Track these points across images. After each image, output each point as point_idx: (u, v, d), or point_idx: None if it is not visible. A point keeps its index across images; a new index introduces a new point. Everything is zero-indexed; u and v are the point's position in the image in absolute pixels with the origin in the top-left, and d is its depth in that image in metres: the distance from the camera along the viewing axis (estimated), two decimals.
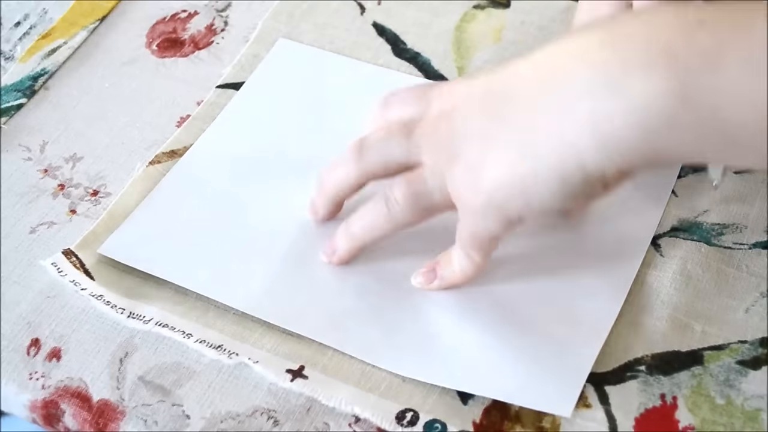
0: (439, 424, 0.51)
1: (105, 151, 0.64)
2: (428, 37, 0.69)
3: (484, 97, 0.49)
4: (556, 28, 0.69)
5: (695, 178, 0.59)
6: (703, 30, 0.42)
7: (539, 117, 0.46)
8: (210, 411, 0.52)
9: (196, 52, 0.69)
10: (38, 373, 0.54)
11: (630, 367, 0.52)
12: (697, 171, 0.59)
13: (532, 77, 0.47)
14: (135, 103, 0.67)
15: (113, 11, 0.72)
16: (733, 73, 0.41)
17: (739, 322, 0.54)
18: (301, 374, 0.53)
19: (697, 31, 0.42)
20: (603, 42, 0.44)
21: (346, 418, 0.51)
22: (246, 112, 0.65)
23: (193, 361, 0.54)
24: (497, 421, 0.51)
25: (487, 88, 0.49)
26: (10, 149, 0.64)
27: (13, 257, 0.59)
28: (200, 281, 0.56)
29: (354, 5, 0.71)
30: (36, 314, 0.56)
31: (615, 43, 0.44)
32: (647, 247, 0.57)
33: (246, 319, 0.55)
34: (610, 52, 0.44)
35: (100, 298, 0.56)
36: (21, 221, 0.60)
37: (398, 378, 0.53)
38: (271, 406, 0.52)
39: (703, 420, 0.50)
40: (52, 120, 0.66)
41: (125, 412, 0.52)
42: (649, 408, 0.51)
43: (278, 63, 0.68)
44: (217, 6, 0.72)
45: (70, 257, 0.58)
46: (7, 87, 0.67)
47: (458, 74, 0.67)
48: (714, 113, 0.41)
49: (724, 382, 0.52)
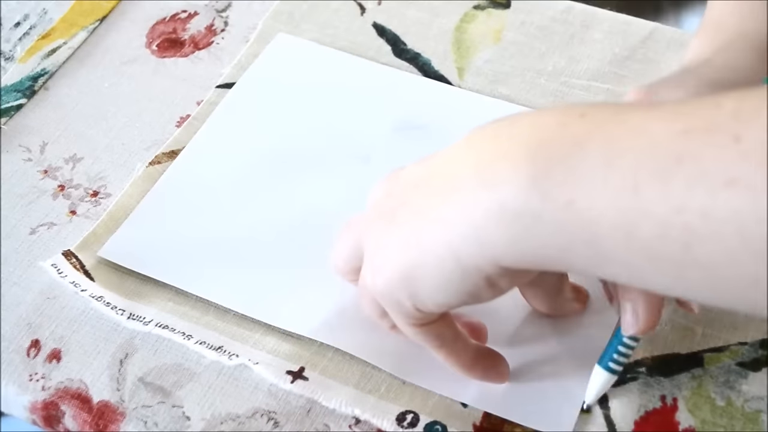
0: (439, 426, 0.51)
1: (105, 152, 0.64)
2: (428, 37, 0.69)
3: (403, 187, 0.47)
4: (556, 28, 0.69)
5: None
6: (580, 121, 0.40)
7: (425, 211, 0.44)
8: (210, 412, 0.52)
9: (196, 52, 0.69)
10: (38, 375, 0.54)
11: (630, 369, 0.52)
12: None
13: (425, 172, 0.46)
14: (135, 103, 0.67)
15: (113, 11, 0.72)
16: (592, 161, 0.38)
17: (739, 323, 0.54)
18: (302, 376, 0.53)
19: (574, 122, 0.40)
20: (485, 135, 0.43)
21: (347, 420, 0.51)
22: (242, 107, 0.65)
23: (193, 363, 0.54)
24: (497, 424, 0.51)
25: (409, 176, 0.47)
26: (10, 150, 0.64)
27: (13, 258, 0.59)
28: (200, 283, 0.56)
29: (354, 5, 0.71)
30: (36, 315, 0.56)
31: (497, 135, 0.42)
32: None
33: (246, 320, 0.55)
34: (490, 144, 0.42)
35: (100, 299, 0.56)
36: (21, 222, 0.60)
37: (398, 380, 0.53)
38: (272, 407, 0.52)
39: (704, 421, 0.51)
40: (51, 120, 0.66)
41: (125, 414, 0.52)
42: (649, 410, 0.51)
43: (276, 58, 0.68)
44: (217, 6, 0.72)
45: (70, 258, 0.58)
46: (7, 87, 0.67)
47: (458, 74, 0.67)
48: (570, 206, 0.38)
49: (725, 383, 0.52)
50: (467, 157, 0.43)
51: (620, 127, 0.38)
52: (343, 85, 0.66)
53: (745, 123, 0.35)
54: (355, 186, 0.60)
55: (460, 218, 0.42)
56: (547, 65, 0.67)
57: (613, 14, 0.69)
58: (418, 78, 0.67)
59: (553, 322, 0.54)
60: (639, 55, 0.67)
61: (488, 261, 0.42)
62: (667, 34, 0.68)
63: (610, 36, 0.68)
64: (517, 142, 0.41)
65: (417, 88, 0.66)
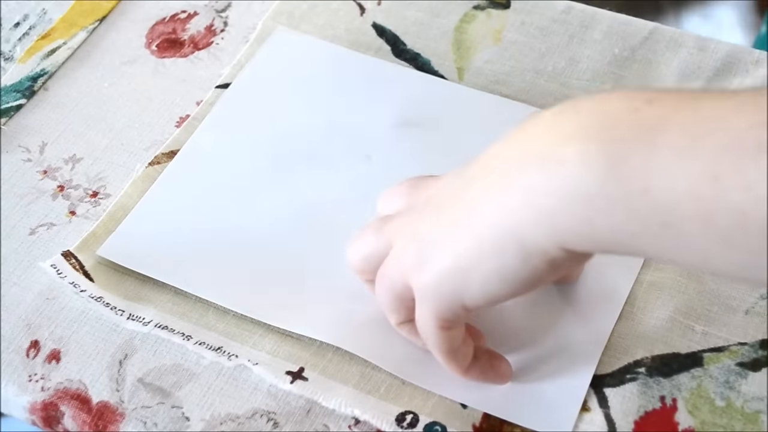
0: (439, 427, 0.51)
1: (104, 152, 0.64)
2: (428, 37, 0.69)
3: (448, 186, 0.47)
4: (556, 29, 0.69)
5: None
6: (650, 107, 0.40)
7: (483, 197, 0.44)
8: (210, 413, 0.52)
9: (196, 53, 0.69)
10: (38, 375, 0.54)
11: (630, 369, 0.52)
12: None
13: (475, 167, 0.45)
14: (134, 103, 0.67)
15: (113, 12, 0.72)
16: (669, 148, 0.38)
17: (739, 323, 0.54)
18: (301, 376, 0.53)
19: (644, 107, 0.40)
20: (543, 123, 0.43)
21: (346, 420, 0.51)
22: (240, 105, 0.65)
23: (192, 363, 0.54)
24: (497, 424, 0.51)
25: (454, 177, 0.47)
26: (10, 150, 0.64)
27: (12, 259, 0.59)
28: (199, 283, 0.56)
29: (354, 6, 0.71)
30: (35, 316, 0.56)
31: (558, 122, 0.42)
32: None
33: (245, 320, 0.55)
34: (552, 130, 0.42)
35: (100, 299, 0.56)
36: (20, 223, 0.60)
37: (398, 380, 0.53)
38: (271, 408, 0.52)
39: (703, 422, 0.51)
40: (51, 121, 0.66)
41: (125, 414, 0.52)
42: (648, 410, 0.51)
43: (275, 53, 0.68)
44: (217, 6, 0.72)
45: (70, 259, 0.58)
46: (7, 88, 0.67)
47: (458, 75, 0.67)
48: (645, 191, 0.39)
49: (724, 384, 0.52)
50: (527, 145, 0.43)
51: (696, 114, 0.38)
52: (342, 81, 0.66)
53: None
54: (355, 184, 0.60)
55: (526, 203, 0.42)
56: (547, 65, 0.67)
57: (613, 14, 0.69)
58: (418, 74, 0.66)
59: (552, 323, 0.54)
60: (639, 55, 0.67)
61: (556, 245, 0.42)
62: (667, 34, 0.68)
63: (610, 36, 0.68)
64: (585, 127, 0.41)
65: (418, 84, 0.66)
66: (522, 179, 0.42)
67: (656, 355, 0.53)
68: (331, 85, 0.66)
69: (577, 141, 0.40)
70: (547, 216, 0.41)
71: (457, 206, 0.45)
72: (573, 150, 0.40)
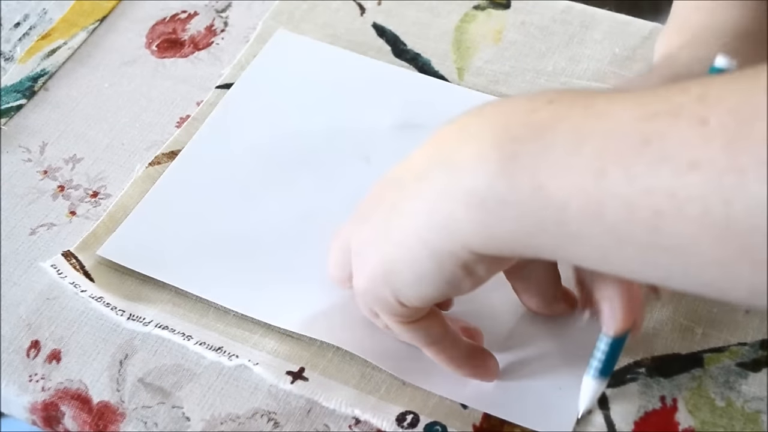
0: (439, 427, 0.51)
1: (105, 152, 0.64)
2: (428, 37, 0.69)
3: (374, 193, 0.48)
4: (556, 29, 0.69)
5: None
6: (548, 107, 0.40)
7: (397, 207, 0.44)
8: (210, 413, 0.52)
9: (196, 53, 0.69)
10: (38, 375, 0.54)
11: (630, 369, 0.52)
12: None
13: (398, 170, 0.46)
14: (135, 103, 0.67)
15: (113, 12, 0.72)
16: (558, 146, 0.38)
17: (739, 324, 0.54)
18: (302, 376, 0.53)
19: (542, 108, 0.40)
20: (453, 127, 0.43)
21: (347, 420, 0.51)
22: (242, 106, 0.65)
23: (193, 363, 0.54)
24: (497, 424, 0.51)
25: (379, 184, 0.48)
26: (10, 150, 0.64)
27: (12, 259, 0.59)
28: (199, 283, 0.56)
29: (354, 6, 0.71)
30: (36, 316, 0.56)
31: (464, 125, 0.42)
32: None
33: (246, 321, 0.55)
34: (457, 134, 0.42)
35: (100, 300, 0.56)
36: (21, 223, 0.60)
37: (398, 380, 0.53)
38: (272, 408, 0.52)
39: (703, 422, 0.51)
40: (51, 121, 0.66)
41: (125, 414, 0.52)
42: (649, 410, 0.51)
43: (276, 54, 0.68)
44: (217, 7, 0.72)
45: (70, 259, 0.58)
46: (7, 88, 0.67)
47: (458, 75, 0.67)
48: (538, 192, 0.39)
49: (724, 384, 0.52)
50: (435, 149, 0.43)
51: (587, 111, 0.39)
52: (342, 83, 0.66)
53: (711, 106, 0.35)
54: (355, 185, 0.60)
55: (428, 208, 0.42)
56: (547, 65, 0.67)
57: (613, 14, 0.69)
58: (418, 75, 0.67)
59: (551, 324, 0.54)
60: (639, 55, 0.67)
61: (460, 247, 0.42)
62: None
63: (610, 36, 0.68)
64: (483, 129, 0.41)
65: (417, 86, 0.66)
66: (427, 185, 0.43)
67: (656, 355, 0.53)
68: (332, 87, 0.66)
69: (474, 145, 0.41)
70: (449, 220, 0.42)
71: (379, 213, 0.46)
72: (469, 152, 0.41)
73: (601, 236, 0.38)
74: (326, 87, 0.66)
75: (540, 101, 0.41)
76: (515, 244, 0.41)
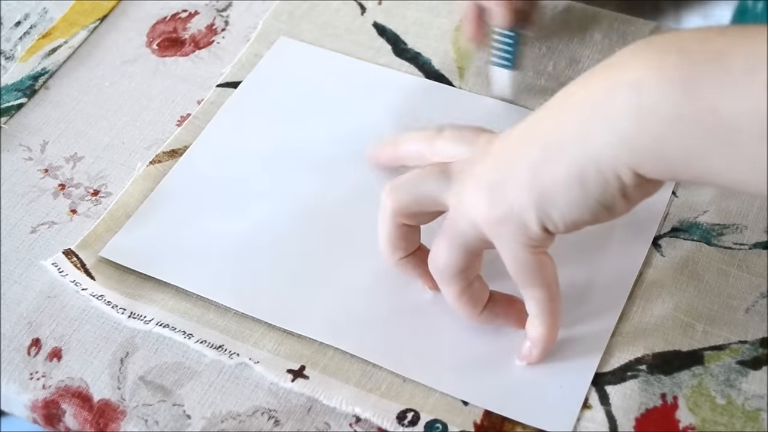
0: (440, 425, 0.51)
1: (105, 151, 0.64)
2: (428, 37, 0.69)
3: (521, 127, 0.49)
4: (556, 29, 0.69)
5: None
6: (721, 37, 0.42)
7: (560, 132, 0.46)
8: (211, 411, 0.52)
9: (197, 52, 0.69)
10: (39, 373, 0.54)
11: (631, 366, 0.52)
12: None
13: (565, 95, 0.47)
14: (135, 102, 0.67)
15: (113, 11, 0.72)
16: (736, 71, 0.41)
17: (739, 322, 0.54)
18: (302, 374, 0.53)
19: (716, 37, 0.42)
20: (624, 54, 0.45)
21: (347, 418, 0.52)
22: (245, 109, 0.65)
23: (193, 361, 0.54)
24: (498, 422, 0.51)
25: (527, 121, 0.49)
26: (11, 149, 0.64)
27: (13, 257, 0.59)
28: (201, 282, 0.56)
29: (354, 5, 0.71)
30: (37, 314, 0.56)
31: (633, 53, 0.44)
32: (648, 247, 0.57)
33: (247, 319, 0.55)
34: (628, 58, 0.44)
35: (101, 298, 0.56)
36: (22, 221, 0.60)
37: (399, 378, 0.53)
38: (272, 406, 0.52)
39: (704, 420, 0.51)
40: (52, 120, 0.66)
41: (126, 412, 0.52)
42: (649, 408, 0.51)
43: (278, 61, 0.68)
44: (218, 6, 0.72)
45: (71, 257, 0.58)
46: (8, 87, 0.67)
47: (458, 75, 0.67)
48: (714, 110, 0.41)
49: (725, 382, 0.52)
50: (606, 76, 0.45)
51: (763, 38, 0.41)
52: (344, 88, 0.66)
53: None
54: (355, 187, 0.61)
55: (603, 127, 0.44)
56: (547, 65, 0.67)
57: (613, 14, 0.70)
58: (418, 79, 0.67)
59: None
60: None
61: (629, 167, 0.44)
62: None
63: (610, 36, 0.68)
64: (659, 53, 0.43)
65: (417, 90, 0.66)
66: (600, 106, 0.44)
67: (657, 352, 0.53)
68: (333, 92, 0.66)
69: (652, 66, 0.43)
70: (626, 138, 0.43)
71: (534, 143, 0.47)
72: (648, 74, 0.43)
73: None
74: (328, 92, 0.66)
75: (711, 33, 0.43)
76: (682, 167, 0.43)
